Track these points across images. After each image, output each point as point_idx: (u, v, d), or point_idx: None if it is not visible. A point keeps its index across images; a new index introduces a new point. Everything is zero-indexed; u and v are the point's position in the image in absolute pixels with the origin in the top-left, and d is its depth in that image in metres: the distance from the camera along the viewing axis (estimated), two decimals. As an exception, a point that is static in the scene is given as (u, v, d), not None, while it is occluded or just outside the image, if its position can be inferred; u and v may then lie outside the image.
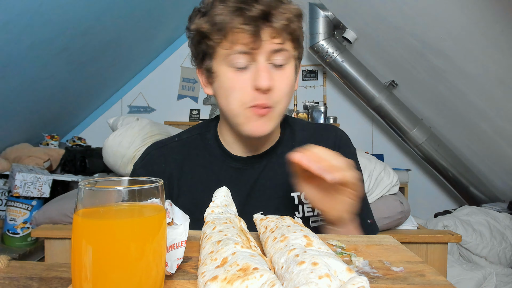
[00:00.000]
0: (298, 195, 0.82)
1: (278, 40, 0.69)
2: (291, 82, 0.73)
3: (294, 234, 0.44)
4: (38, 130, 3.12)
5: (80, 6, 2.16)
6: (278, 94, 0.71)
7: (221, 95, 0.73)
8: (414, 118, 3.28)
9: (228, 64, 0.70)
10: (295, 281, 0.34)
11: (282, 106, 0.73)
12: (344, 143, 0.87)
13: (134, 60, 3.57)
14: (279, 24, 0.67)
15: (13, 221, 2.33)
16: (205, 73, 0.76)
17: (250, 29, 0.65)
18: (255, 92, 0.69)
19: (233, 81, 0.70)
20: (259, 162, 0.82)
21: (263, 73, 0.68)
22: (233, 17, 0.66)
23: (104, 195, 0.37)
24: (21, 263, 0.53)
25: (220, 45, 0.69)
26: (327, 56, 3.29)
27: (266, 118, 0.72)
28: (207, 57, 0.73)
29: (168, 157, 0.83)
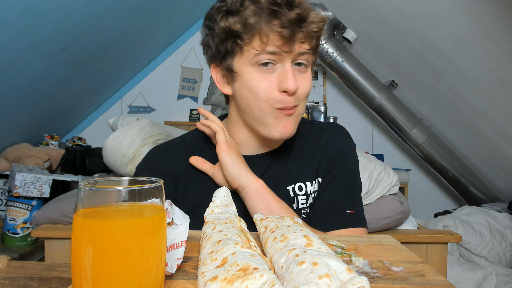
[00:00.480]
0: (292, 188, 0.83)
1: (307, 45, 0.71)
2: (310, 84, 0.77)
3: (294, 234, 0.44)
4: (38, 130, 3.12)
5: (80, 6, 2.16)
6: (301, 94, 0.74)
7: (245, 95, 0.74)
8: (414, 118, 3.28)
9: (255, 64, 0.71)
10: (295, 281, 0.34)
11: (303, 107, 0.76)
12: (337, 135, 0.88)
13: (134, 60, 3.57)
14: (311, 30, 0.69)
15: (13, 221, 2.33)
16: (224, 71, 0.76)
17: (287, 32, 0.67)
18: (282, 94, 0.71)
19: (258, 81, 0.71)
20: (264, 161, 0.84)
21: (291, 76, 0.70)
22: (269, 19, 0.67)
23: (104, 195, 0.37)
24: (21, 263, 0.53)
25: (250, 45, 0.70)
26: (327, 56, 3.29)
27: (293, 118, 0.75)
28: (229, 56, 0.73)
29: (172, 159, 0.83)
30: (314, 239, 0.43)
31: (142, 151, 1.74)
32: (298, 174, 0.84)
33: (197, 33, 3.82)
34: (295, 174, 0.84)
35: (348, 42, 3.22)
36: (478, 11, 1.91)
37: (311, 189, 0.84)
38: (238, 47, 0.71)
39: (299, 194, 0.83)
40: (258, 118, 0.75)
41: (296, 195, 0.83)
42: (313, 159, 0.85)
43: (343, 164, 0.85)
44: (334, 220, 0.80)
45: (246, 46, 0.70)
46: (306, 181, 0.84)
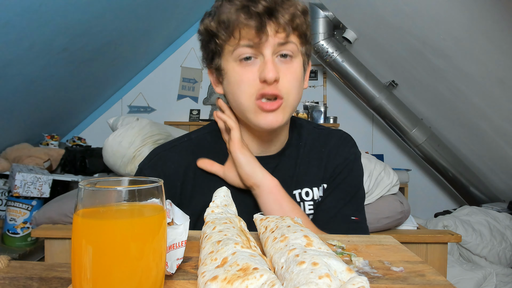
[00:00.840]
0: (299, 192, 0.83)
1: (283, 35, 0.71)
2: (298, 75, 0.75)
3: (294, 234, 0.44)
4: (38, 130, 3.12)
5: (80, 6, 2.16)
6: (286, 85, 0.72)
7: (230, 91, 0.75)
8: (414, 118, 3.28)
9: (235, 58, 0.72)
10: (295, 281, 0.34)
11: (292, 98, 0.74)
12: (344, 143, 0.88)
13: (134, 60, 3.57)
14: (283, 19, 0.69)
15: (13, 221, 2.33)
16: (215, 72, 0.79)
17: (255, 24, 0.68)
18: (262, 84, 0.71)
19: (240, 74, 0.72)
20: (271, 163, 0.83)
21: (269, 65, 0.70)
22: (239, 14, 0.69)
23: (104, 195, 0.37)
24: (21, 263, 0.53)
25: (228, 42, 0.72)
26: (327, 56, 3.29)
27: (275, 113, 0.73)
28: (216, 56, 0.76)
29: (179, 158, 0.82)
30: (314, 239, 0.43)
31: (142, 151, 1.74)
32: (305, 179, 0.84)
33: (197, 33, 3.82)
34: (301, 179, 0.84)
35: (348, 42, 3.22)
36: (478, 11, 1.91)
37: (318, 195, 0.84)
38: (219, 46, 0.73)
39: (306, 200, 0.83)
40: (243, 112, 0.75)
41: (302, 201, 0.83)
42: (319, 165, 0.85)
43: (349, 171, 0.85)
44: (338, 226, 0.80)
45: (225, 44, 0.72)
46: (313, 186, 0.84)
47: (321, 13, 3.27)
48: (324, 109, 3.61)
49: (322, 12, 3.27)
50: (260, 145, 0.82)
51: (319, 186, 0.84)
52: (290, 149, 0.85)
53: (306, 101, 3.76)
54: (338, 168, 0.85)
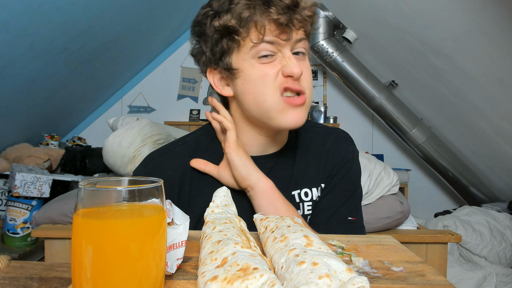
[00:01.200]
0: (298, 193, 0.82)
1: (302, 31, 0.70)
2: (311, 72, 0.75)
3: (294, 234, 0.44)
4: (38, 130, 3.12)
5: (80, 6, 2.16)
6: (306, 81, 0.72)
7: (249, 90, 0.72)
8: (414, 118, 3.28)
9: (254, 56, 0.70)
10: (295, 281, 0.34)
11: (311, 95, 0.75)
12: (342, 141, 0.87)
13: (134, 60, 3.57)
14: (305, 14, 0.69)
15: (13, 221, 2.33)
16: (222, 73, 0.75)
17: (284, 18, 0.66)
18: (286, 79, 0.70)
19: (263, 69, 0.70)
20: (268, 162, 0.82)
21: (294, 60, 0.69)
22: (264, 9, 0.67)
23: (104, 195, 0.37)
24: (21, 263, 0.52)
25: (247, 38, 0.69)
26: (327, 56, 3.29)
27: (300, 108, 0.72)
28: (226, 55, 0.72)
29: (175, 163, 0.80)
30: (314, 239, 0.43)
31: (142, 151, 1.74)
32: (304, 180, 0.83)
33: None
34: (300, 179, 0.83)
35: (348, 42, 3.22)
36: (478, 11, 1.91)
37: (316, 195, 0.83)
38: (235, 43, 0.70)
39: (305, 200, 0.82)
40: (265, 110, 0.72)
41: (302, 201, 0.82)
42: (318, 164, 0.84)
43: (347, 170, 0.84)
44: (335, 226, 0.79)
45: (243, 41, 0.69)
46: (312, 187, 0.83)
47: (321, 13, 3.27)
48: (324, 109, 3.61)
49: (322, 12, 3.27)
50: (262, 145, 0.81)
51: (318, 186, 0.84)
52: (288, 149, 0.85)
53: (306, 101, 3.76)
54: (336, 167, 0.84)
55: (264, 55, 0.69)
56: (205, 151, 0.82)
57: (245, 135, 0.80)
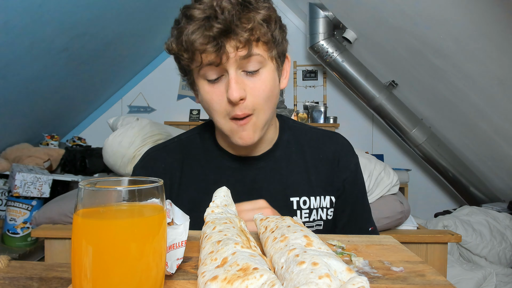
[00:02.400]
0: (297, 200, 0.82)
1: (243, 52, 0.67)
2: (267, 86, 0.71)
3: (294, 234, 0.44)
4: (38, 130, 3.12)
5: (80, 6, 2.16)
6: (254, 101, 0.70)
7: (205, 107, 0.75)
8: (414, 118, 3.28)
9: (203, 77, 0.71)
10: (295, 281, 0.34)
11: (263, 113, 0.73)
12: (346, 153, 0.87)
13: (134, 60, 3.57)
14: (242, 37, 0.66)
15: (13, 221, 2.33)
16: (190, 85, 0.79)
17: (212, 47, 0.65)
18: (229, 104, 0.70)
19: (209, 94, 0.71)
20: (256, 164, 0.83)
21: (233, 85, 0.68)
22: (194, 38, 0.65)
23: (104, 195, 0.37)
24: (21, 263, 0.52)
25: (191, 64, 0.70)
26: (327, 56, 3.29)
27: (249, 127, 0.72)
28: (188, 73, 0.75)
29: (168, 158, 0.84)
30: (314, 239, 0.43)
31: (142, 151, 1.74)
32: (303, 187, 0.82)
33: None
34: (300, 186, 0.82)
35: (348, 42, 3.22)
36: (478, 11, 1.91)
37: (315, 204, 0.83)
38: (186, 65, 0.72)
39: (302, 208, 0.82)
40: (218, 127, 0.76)
41: (299, 208, 0.82)
42: (318, 172, 0.84)
43: (355, 183, 0.86)
44: None
45: (189, 64, 0.70)
46: (311, 195, 0.82)
47: (321, 13, 3.27)
48: (324, 109, 3.62)
49: (322, 12, 3.27)
50: (241, 150, 0.82)
51: (318, 195, 0.83)
52: (279, 151, 0.84)
53: (306, 101, 3.76)
54: (346, 182, 0.84)
55: (210, 78, 0.70)
56: (197, 149, 0.85)
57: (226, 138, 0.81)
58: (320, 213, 0.83)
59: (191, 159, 0.84)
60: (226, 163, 0.83)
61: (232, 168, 0.83)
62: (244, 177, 0.82)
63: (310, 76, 3.88)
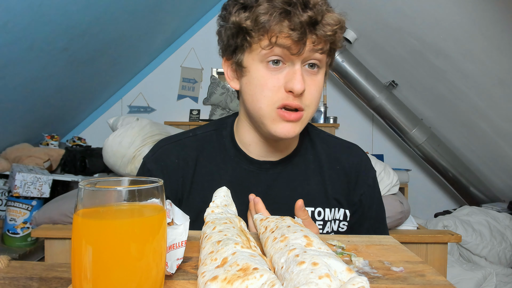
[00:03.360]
0: (312, 211, 0.80)
1: (319, 48, 0.67)
2: (320, 87, 0.73)
3: (294, 234, 0.44)
4: (38, 130, 3.12)
5: (80, 6, 2.16)
6: (308, 98, 0.70)
7: (250, 92, 0.72)
8: (414, 118, 3.28)
9: (263, 59, 0.68)
10: (295, 281, 0.34)
11: (311, 111, 0.73)
12: (364, 167, 0.86)
13: (134, 60, 3.57)
14: (324, 33, 0.66)
15: (13, 221, 2.33)
16: (234, 66, 0.74)
17: (297, 35, 0.64)
18: (287, 94, 0.68)
19: (265, 79, 0.69)
20: (273, 169, 0.80)
21: (299, 76, 0.67)
22: (280, 19, 0.64)
23: (104, 195, 0.37)
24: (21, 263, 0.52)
25: (260, 43, 0.67)
26: (327, 56, 3.28)
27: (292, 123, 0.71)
28: (240, 51, 0.71)
29: (182, 153, 0.80)
30: (314, 239, 0.43)
31: (142, 151, 1.74)
32: (319, 198, 0.81)
33: (197, 33, 3.82)
34: (316, 196, 0.81)
35: (348, 42, 3.22)
36: (478, 11, 1.91)
37: (329, 216, 0.81)
38: (248, 43, 0.69)
39: (317, 219, 0.80)
40: (259, 116, 0.72)
41: (314, 220, 0.80)
42: (334, 184, 0.82)
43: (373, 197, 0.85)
44: None
45: (255, 44, 0.68)
46: (326, 207, 0.81)
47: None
48: (324, 109, 3.62)
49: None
50: (265, 149, 0.79)
51: (333, 207, 0.81)
52: (297, 157, 0.82)
53: (306, 101, 3.76)
54: (364, 197, 0.83)
55: (273, 60, 0.68)
56: (212, 147, 0.82)
57: (248, 135, 0.79)
58: (332, 225, 0.82)
59: (206, 157, 0.80)
60: (242, 165, 0.80)
61: (248, 171, 0.79)
62: (260, 181, 0.79)
63: (310, 76, 3.87)
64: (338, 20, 0.67)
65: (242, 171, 0.79)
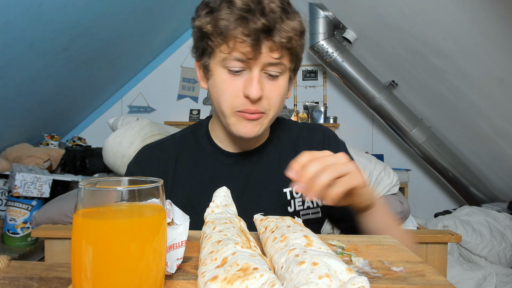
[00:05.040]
0: (290, 191, 0.84)
1: (276, 55, 0.70)
2: (282, 92, 0.75)
3: (294, 234, 0.44)
4: (38, 130, 3.12)
5: (80, 6, 2.16)
6: (268, 103, 0.73)
7: (214, 94, 0.76)
8: (414, 118, 3.28)
9: (224, 65, 0.72)
10: (295, 281, 0.34)
11: (273, 113, 0.76)
12: (332, 140, 0.90)
13: (134, 60, 3.57)
14: (279, 40, 0.68)
15: (13, 221, 2.33)
16: (202, 68, 0.78)
17: (250, 40, 0.66)
18: (245, 99, 0.72)
19: (226, 84, 0.72)
20: (249, 159, 0.85)
21: (255, 83, 0.70)
22: (236, 25, 0.67)
23: (104, 195, 0.37)
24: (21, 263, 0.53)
25: (220, 48, 0.70)
26: (327, 56, 3.29)
27: (256, 122, 0.75)
28: (206, 54, 0.74)
29: (162, 156, 0.85)
30: (314, 239, 0.43)
31: (142, 151, 1.73)
32: None
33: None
34: None
35: (348, 42, 3.22)
36: (478, 11, 1.91)
37: None
38: (210, 48, 0.72)
39: (296, 197, 0.85)
40: (223, 116, 0.76)
41: (293, 198, 0.84)
42: None
43: None
44: None
45: (217, 48, 0.71)
46: None
47: (321, 13, 3.27)
48: (324, 109, 3.62)
49: (322, 12, 3.27)
50: (237, 142, 0.84)
51: None
52: (271, 145, 0.87)
53: (306, 101, 3.76)
54: None
55: (231, 69, 0.71)
56: (190, 148, 0.87)
57: (221, 131, 0.84)
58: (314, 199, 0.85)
59: (185, 157, 0.85)
60: (220, 159, 0.84)
61: (226, 164, 0.84)
62: (239, 172, 0.84)
63: (310, 76, 3.88)
64: (293, 27, 0.69)
65: (220, 165, 0.84)
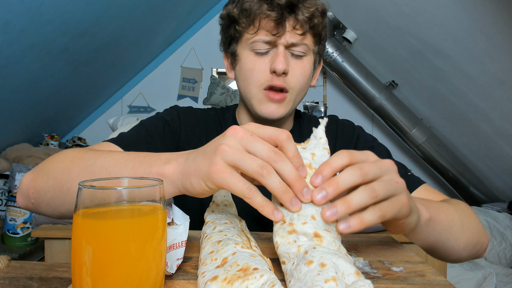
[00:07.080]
0: None
1: (299, 31, 0.74)
2: (307, 72, 0.78)
3: None
4: (38, 130, 3.12)
5: (80, 6, 2.16)
6: (293, 79, 0.76)
7: (241, 77, 0.80)
8: (414, 118, 3.28)
9: (251, 48, 0.76)
10: (302, 281, 0.34)
11: (296, 93, 0.78)
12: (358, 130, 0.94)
13: (134, 60, 3.57)
14: (302, 16, 0.73)
15: (13, 221, 2.33)
16: (230, 57, 0.83)
17: (275, 16, 0.71)
18: (272, 75, 0.75)
19: (253, 63, 0.76)
20: None
21: (281, 57, 0.73)
22: (261, 4, 0.72)
23: (104, 195, 0.37)
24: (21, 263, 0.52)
25: (246, 30, 0.76)
26: (327, 56, 3.29)
27: (278, 104, 0.77)
28: (233, 42, 0.80)
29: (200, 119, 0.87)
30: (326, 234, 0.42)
31: (142, 151, 1.73)
32: None
33: (197, 33, 3.82)
34: None
35: (348, 42, 3.22)
36: (478, 11, 1.91)
37: None
38: (238, 33, 0.77)
39: None
40: (249, 98, 0.79)
41: None
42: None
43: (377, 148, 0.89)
44: None
45: (244, 31, 0.76)
46: None
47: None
48: (324, 109, 3.61)
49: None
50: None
51: None
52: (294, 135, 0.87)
53: (306, 101, 3.76)
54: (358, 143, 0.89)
55: (258, 50, 0.75)
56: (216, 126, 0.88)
57: (246, 117, 0.86)
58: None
59: (211, 131, 0.87)
60: None
61: None
62: None
63: (310, 76, 3.88)
64: (316, 5, 0.76)
65: None
